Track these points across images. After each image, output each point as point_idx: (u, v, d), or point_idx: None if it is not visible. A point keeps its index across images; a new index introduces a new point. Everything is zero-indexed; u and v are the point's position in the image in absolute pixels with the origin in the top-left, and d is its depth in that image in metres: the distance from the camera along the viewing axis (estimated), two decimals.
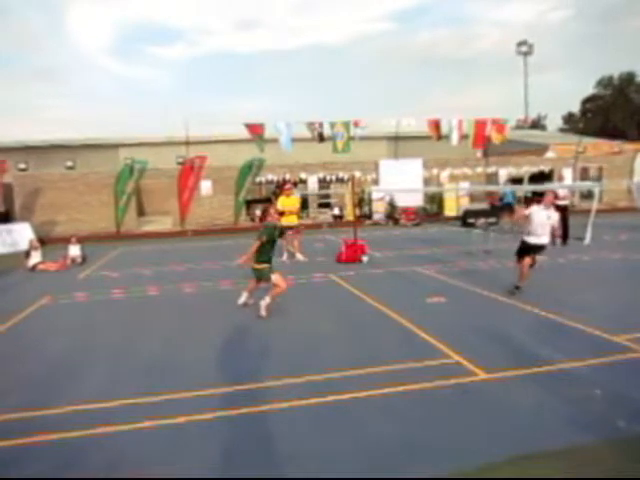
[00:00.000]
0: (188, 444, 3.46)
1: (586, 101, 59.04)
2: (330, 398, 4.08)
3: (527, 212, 7.44)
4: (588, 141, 31.71)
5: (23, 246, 13.58)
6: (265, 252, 6.70)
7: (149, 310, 7.59)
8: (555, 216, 7.36)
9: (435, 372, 4.55)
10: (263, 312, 6.61)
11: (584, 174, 26.04)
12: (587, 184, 22.20)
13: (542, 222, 7.20)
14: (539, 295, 7.12)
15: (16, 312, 7.54)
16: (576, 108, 61.24)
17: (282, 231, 7.21)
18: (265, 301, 6.67)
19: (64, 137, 34.42)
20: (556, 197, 7.94)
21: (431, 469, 3.03)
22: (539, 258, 7.61)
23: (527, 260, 7.27)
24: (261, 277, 6.82)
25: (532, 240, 7.27)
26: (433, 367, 4.70)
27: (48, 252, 13.32)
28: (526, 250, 7.31)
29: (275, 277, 6.72)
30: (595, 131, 45.44)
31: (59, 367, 5.16)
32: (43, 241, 15.72)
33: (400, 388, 4.22)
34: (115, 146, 32.49)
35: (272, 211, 7.05)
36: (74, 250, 12.97)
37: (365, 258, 11.04)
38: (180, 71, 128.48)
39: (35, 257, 12.12)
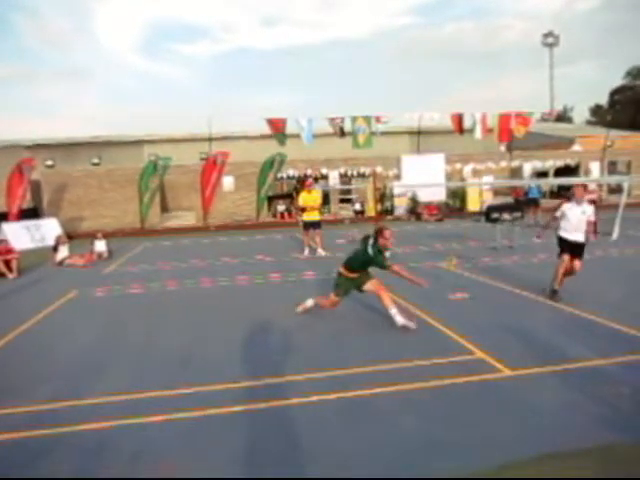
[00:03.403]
0: (211, 437, 3.51)
1: (615, 92, 57.43)
2: (352, 393, 4.08)
3: (558, 214, 7.07)
4: (616, 134, 30.89)
5: (51, 241, 13.87)
6: (356, 263, 6.10)
7: (173, 304, 7.69)
8: (590, 210, 6.88)
9: (458, 369, 4.51)
10: (299, 308, 6.56)
11: (612, 168, 25.44)
12: (615, 178, 21.68)
13: (577, 218, 6.82)
14: (565, 291, 6.97)
15: (44, 306, 7.74)
16: (604, 100, 59.75)
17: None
18: (308, 302, 6.53)
19: (90, 134, 35.08)
20: (585, 189, 7.34)
21: (453, 467, 3.01)
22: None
23: (566, 257, 6.86)
24: (337, 285, 6.20)
25: (565, 235, 6.92)
26: (456, 363, 4.65)
27: (75, 247, 13.61)
28: (566, 248, 6.91)
29: (333, 297, 6.20)
30: (624, 123, 44.21)
31: (86, 360, 5.27)
32: (70, 236, 16.06)
33: (423, 384, 4.20)
34: (139, 142, 32.94)
35: (388, 234, 6.02)
36: (100, 245, 13.23)
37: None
38: (203, 68, 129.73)
39: (62, 252, 12.38)
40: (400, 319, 5.77)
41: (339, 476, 2.98)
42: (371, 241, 5.95)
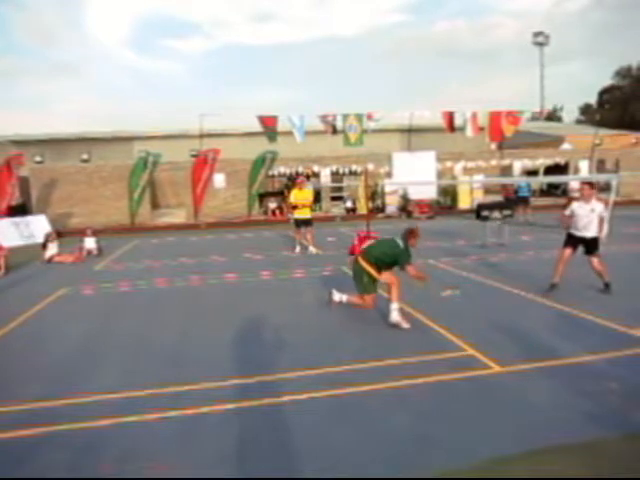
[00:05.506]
0: (202, 435, 3.50)
1: (604, 92, 57.93)
2: (344, 390, 4.09)
3: (568, 212, 7.14)
4: (605, 133, 31.19)
5: (40, 238, 13.74)
6: (386, 261, 5.96)
7: (164, 302, 7.65)
8: (599, 207, 6.93)
9: (449, 365, 4.54)
10: (335, 300, 6.36)
11: (601, 166, 25.64)
12: (604, 176, 21.86)
13: (586, 216, 6.87)
14: (558, 289, 7.03)
15: (34, 304, 7.66)
16: (593, 99, 60.23)
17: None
18: (342, 296, 6.34)
19: (80, 130, 34.77)
20: (592, 187, 7.11)
21: (443, 463, 3.03)
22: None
23: (567, 252, 6.99)
24: (363, 286, 6.04)
25: (573, 232, 7.01)
26: (447, 360, 4.68)
27: (64, 244, 13.48)
28: (570, 242, 7.02)
29: (367, 297, 6.05)
30: (612, 122, 44.61)
31: (77, 358, 5.24)
32: (60, 233, 15.90)
33: (414, 381, 4.22)
34: (129, 139, 32.71)
35: (419, 233, 6.06)
36: (90, 242, 13.12)
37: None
38: (195, 64, 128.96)
39: (52, 249, 12.26)
40: (396, 315, 5.79)
41: (335, 475, 2.98)
42: (401, 239, 6.00)
